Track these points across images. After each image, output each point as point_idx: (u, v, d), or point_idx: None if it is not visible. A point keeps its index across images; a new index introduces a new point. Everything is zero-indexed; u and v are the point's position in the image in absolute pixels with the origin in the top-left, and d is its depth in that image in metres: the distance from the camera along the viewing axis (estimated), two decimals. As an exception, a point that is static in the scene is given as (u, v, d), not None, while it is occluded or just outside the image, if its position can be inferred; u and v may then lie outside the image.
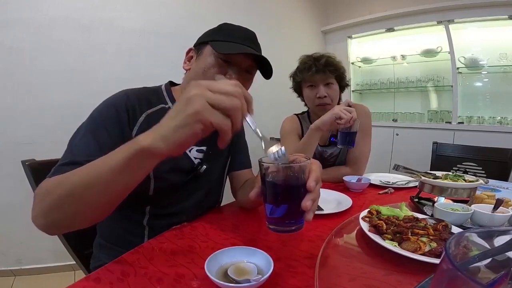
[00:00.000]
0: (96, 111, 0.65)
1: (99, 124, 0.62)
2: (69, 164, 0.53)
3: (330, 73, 1.15)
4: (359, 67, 3.35)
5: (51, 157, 0.81)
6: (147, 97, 0.71)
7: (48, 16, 1.58)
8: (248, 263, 0.47)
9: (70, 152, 0.58)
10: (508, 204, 0.73)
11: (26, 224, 1.71)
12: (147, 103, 0.70)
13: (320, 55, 1.17)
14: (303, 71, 1.18)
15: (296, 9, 3.04)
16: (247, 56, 0.69)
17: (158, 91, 0.76)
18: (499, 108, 2.47)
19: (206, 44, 0.71)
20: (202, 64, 0.70)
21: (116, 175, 0.43)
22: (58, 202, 0.46)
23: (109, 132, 0.61)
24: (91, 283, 0.45)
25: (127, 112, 0.65)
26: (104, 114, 0.64)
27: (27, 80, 1.56)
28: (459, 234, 0.24)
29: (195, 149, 0.76)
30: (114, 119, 0.63)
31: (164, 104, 0.73)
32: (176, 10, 2.04)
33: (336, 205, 0.83)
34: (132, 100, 0.67)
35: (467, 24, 2.51)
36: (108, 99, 0.67)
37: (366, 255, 0.56)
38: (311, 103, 1.22)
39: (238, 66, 0.70)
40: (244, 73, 0.72)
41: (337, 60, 1.19)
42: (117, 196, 0.47)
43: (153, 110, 0.70)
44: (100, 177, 0.43)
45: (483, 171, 1.54)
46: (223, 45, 0.68)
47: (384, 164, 2.70)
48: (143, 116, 0.67)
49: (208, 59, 0.70)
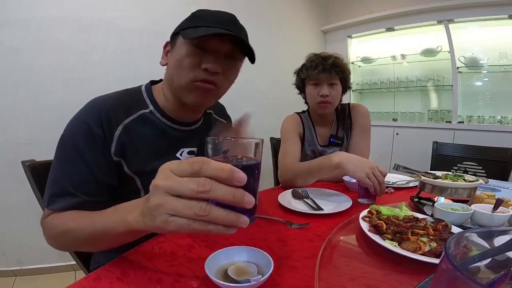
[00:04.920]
0: (68, 131, 0.61)
1: (77, 143, 0.59)
2: (64, 195, 0.57)
3: (336, 74, 1.15)
4: (359, 67, 3.34)
5: (51, 157, 0.81)
6: (125, 103, 0.66)
7: (48, 16, 1.58)
8: (248, 263, 0.47)
9: (59, 181, 0.58)
10: (508, 204, 0.73)
11: (26, 224, 1.71)
12: (125, 110, 0.65)
13: (328, 55, 1.18)
14: (309, 69, 1.18)
15: (296, 9, 3.03)
16: (224, 40, 0.61)
17: (138, 94, 0.70)
18: (499, 108, 2.47)
19: (178, 35, 0.64)
20: (176, 56, 0.63)
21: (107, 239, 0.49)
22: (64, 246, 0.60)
23: (89, 149, 0.59)
24: (91, 283, 0.45)
25: (101, 127, 0.60)
26: (77, 133, 0.60)
27: (27, 80, 1.56)
28: (459, 234, 0.24)
29: (186, 151, 0.74)
30: (89, 136, 0.59)
31: (144, 108, 0.68)
32: (176, 9, 2.04)
33: (336, 205, 0.83)
34: (106, 112, 0.62)
35: (467, 23, 2.51)
36: (79, 114, 0.62)
37: (366, 255, 0.56)
38: (312, 101, 1.23)
39: (215, 52, 0.62)
40: (224, 59, 0.63)
41: (344, 62, 1.20)
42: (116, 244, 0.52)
43: (131, 119, 0.65)
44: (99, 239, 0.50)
45: (483, 171, 1.54)
46: (193, 30, 0.60)
47: (384, 164, 2.68)
48: (119, 129, 0.63)
49: (181, 49, 0.62)
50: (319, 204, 0.82)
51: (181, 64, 0.62)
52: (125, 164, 0.64)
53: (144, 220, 0.38)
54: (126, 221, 0.42)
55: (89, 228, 0.50)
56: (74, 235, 0.53)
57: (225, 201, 0.33)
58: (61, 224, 0.55)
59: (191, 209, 0.33)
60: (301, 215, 0.76)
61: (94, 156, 0.60)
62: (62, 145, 0.61)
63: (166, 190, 0.34)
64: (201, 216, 0.33)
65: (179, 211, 0.33)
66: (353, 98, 3.25)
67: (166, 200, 0.34)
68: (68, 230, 0.53)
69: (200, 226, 0.33)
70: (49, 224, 0.57)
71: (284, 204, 0.81)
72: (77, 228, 0.52)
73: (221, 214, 0.33)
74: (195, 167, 0.33)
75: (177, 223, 0.33)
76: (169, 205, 0.33)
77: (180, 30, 0.63)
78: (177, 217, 0.33)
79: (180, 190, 0.33)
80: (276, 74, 2.50)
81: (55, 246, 0.59)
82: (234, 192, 0.33)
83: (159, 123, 0.69)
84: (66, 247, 0.62)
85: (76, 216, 0.55)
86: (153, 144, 0.68)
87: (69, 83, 1.65)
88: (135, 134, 0.65)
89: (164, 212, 0.34)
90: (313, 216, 0.75)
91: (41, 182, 0.74)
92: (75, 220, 0.54)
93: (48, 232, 0.58)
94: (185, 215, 0.33)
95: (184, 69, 0.62)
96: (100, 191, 0.61)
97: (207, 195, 0.32)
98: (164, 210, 0.34)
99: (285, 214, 0.77)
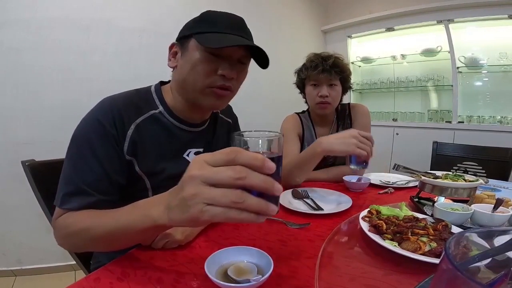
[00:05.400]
0: (81, 130, 0.60)
1: (91, 142, 0.58)
2: (78, 194, 0.57)
3: (336, 74, 1.14)
4: (359, 67, 3.34)
5: (51, 157, 0.81)
6: (136, 103, 0.66)
7: (48, 16, 1.58)
8: (248, 263, 0.47)
9: (73, 180, 0.57)
10: (508, 204, 0.73)
11: (26, 224, 1.71)
12: (136, 110, 0.65)
13: (328, 55, 1.17)
14: (309, 69, 1.17)
15: (296, 9, 3.03)
16: (240, 47, 0.62)
17: (148, 94, 0.70)
18: (499, 108, 2.47)
19: (190, 38, 0.63)
20: (189, 61, 0.63)
21: (127, 237, 0.49)
22: (75, 246, 0.60)
23: (103, 147, 0.59)
24: (91, 283, 0.45)
25: (114, 126, 0.60)
26: (91, 131, 0.59)
27: (27, 80, 1.56)
28: (459, 234, 0.24)
29: (193, 152, 0.74)
30: (102, 135, 0.59)
31: (154, 109, 0.68)
32: (176, 9, 2.04)
33: (336, 205, 0.83)
34: (118, 111, 0.61)
35: (467, 23, 2.51)
36: (91, 113, 0.62)
37: (366, 255, 0.56)
38: (311, 101, 1.23)
39: (230, 58, 0.63)
40: (237, 64, 0.65)
41: (344, 62, 1.19)
42: (133, 243, 0.53)
43: (142, 118, 0.65)
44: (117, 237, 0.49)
45: (483, 171, 1.54)
46: (209, 37, 0.60)
47: (384, 164, 2.70)
48: (131, 128, 0.63)
49: (194, 54, 0.62)
50: (319, 204, 0.83)
51: (196, 69, 0.62)
52: (136, 163, 0.64)
53: (170, 214, 0.39)
54: (149, 217, 0.42)
55: (108, 225, 0.49)
56: (90, 233, 0.51)
57: (258, 188, 0.34)
58: (76, 223, 0.54)
59: (227, 197, 0.34)
60: (301, 215, 0.76)
61: (108, 154, 0.59)
62: (75, 144, 0.59)
63: (202, 179, 0.35)
64: (237, 204, 0.34)
65: (216, 200, 0.34)
66: (353, 98, 3.25)
67: (202, 189, 0.35)
68: (84, 229, 0.52)
69: (235, 214, 0.34)
70: (62, 224, 0.56)
71: (284, 204, 0.81)
72: (95, 226, 0.51)
73: (254, 201, 0.34)
74: (231, 156, 0.34)
75: (212, 212, 0.34)
76: (205, 194, 0.34)
77: (193, 34, 0.62)
78: (213, 206, 0.34)
79: (217, 179, 0.34)
80: (276, 74, 2.49)
81: (66, 246, 0.59)
82: (266, 180, 0.34)
83: (168, 124, 0.69)
84: (77, 247, 0.61)
85: (91, 215, 0.54)
86: (162, 144, 0.68)
87: (69, 83, 1.65)
88: (147, 133, 0.65)
89: (200, 201, 0.35)
90: (313, 216, 0.75)
91: (41, 182, 0.74)
92: (92, 219, 0.53)
93: (60, 232, 0.57)
94: (222, 203, 0.34)
95: (199, 75, 0.62)
96: (113, 190, 0.61)
97: (243, 181, 0.33)
98: (200, 199, 0.35)
99: (285, 214, 0.77)
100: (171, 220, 0.39)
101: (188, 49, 0.64)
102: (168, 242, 0.56)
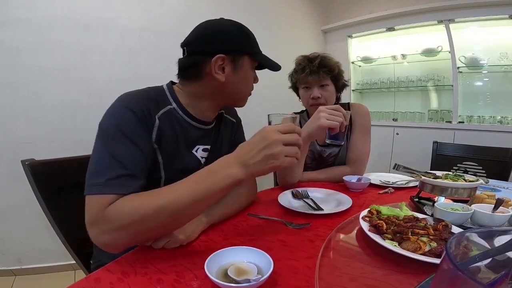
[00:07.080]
0: (113, 120, 0.60)
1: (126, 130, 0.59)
2: (125, 176, 0.55)
3: (325, 74, 1.13)
4: (359, 67, 3.34)
5: (51, 157, 0.81)
6: (154, 97, 0.68)
7: (48, 16, 1.58)
8: (248, 263, 0.47)
9: (113, 166, 0.55)
10: (508, 204, 0.73)
11: (26, 224, 1.71)
12: (155, 104, 0.67)
13: (314, 56, 1.16)
14: (298, 72, 1.18)
15: (296, 9, 3.03)
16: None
17: (162, 91, 0.73)
18: (500, 108, 2.47)
19: (242, 55, 0.70)
20: (244, 78, 0.73)
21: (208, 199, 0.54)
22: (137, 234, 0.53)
23: (138, 134, 0.60)
24: (91, 283, 0.45)
25: (144, 115, 0.62)
26: (124, 120, 0.60)
27: (27, 79, 1.56)
28: (459, 234, 0.24)
29: (201, 148, 0.76)
30: (136, 122, 0.61)
31: (169, 105, 0.70)
32: (176, 9, 2.04)
33: (336, 205, 0.83)
34: (144, 102, 0.64)
35: (467, 23, 2.51)
36: (118, 105, 0.62)
37: (366, 255, 0.56)
38: (305, 103, 1.24)
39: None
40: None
41: (333, 61, 1.17)
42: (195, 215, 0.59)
43: (162, 111, 0.67)
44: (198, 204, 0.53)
45: (483, 171, 1.54)
46: (264, 58, 0.74)
47: (384, 164, 2.70)
48: (156, 119, 0.65)
49: (249, 72, 0.74)
50: (319, 204, 0.82)
51: (249, 84, 0.76)
52: (159, 152, 0.67)
53: (250, 169, 0.53)
54: (231, 176, 0.53)
55: (187, 195, 0.52)
56: (168, 210, 0.51)
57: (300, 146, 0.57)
58: (143, 206, 0.51)
59: (295, 151, 0.56)
60: (301, 215, 0.76)
61: (143, 140, 0.61)
62: (109, 134, 0.59)
63: (283, 142, 0.54)
64: (296, 154, 0.56)
65: (291, 153, 0.55)
66: (353, 98, 3.25)
67: (283, 148, 0.54)
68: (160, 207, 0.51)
69: (293, 160, 0.55)
70: (120, 213, 0.51)
71: (284, 204, 0.81)
72: (173, 201, 0.51)
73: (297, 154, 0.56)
74: (291, 128, 0.56)
75: (288, 160, 0.54)
76: (287, 150, 0.54)
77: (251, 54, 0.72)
78: (288, 157, 0.54)
79: (289, 141, 0.55)
80: (275, 74, 2.49)
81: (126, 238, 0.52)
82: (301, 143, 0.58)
83: (182, 120, 0.72)
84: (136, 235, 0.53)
85: (154, 194, 0.53)
86: (177, 138, 0.70)
87: (69, 82, 1.65)
88: (166, 126, 0.68)
89: (283, 154, 0.54)
90: (313, 216, 0.75)
91: (41, 182, 0.74)
92: (161, 195, 0.52)
93: (115, 223, 0.51)
94: (293, 154, 0.55)
95: (250, 88, 0.77)
96: (146, 175, 0.62)
97: (300, 143, 0.57)
98: (284, 153, 0.54)
99: (285, 214, 0.77)
100: (252, 173, 0.54)
101: (243, 67, 0.71)
102: (169, 242, 0.56)
